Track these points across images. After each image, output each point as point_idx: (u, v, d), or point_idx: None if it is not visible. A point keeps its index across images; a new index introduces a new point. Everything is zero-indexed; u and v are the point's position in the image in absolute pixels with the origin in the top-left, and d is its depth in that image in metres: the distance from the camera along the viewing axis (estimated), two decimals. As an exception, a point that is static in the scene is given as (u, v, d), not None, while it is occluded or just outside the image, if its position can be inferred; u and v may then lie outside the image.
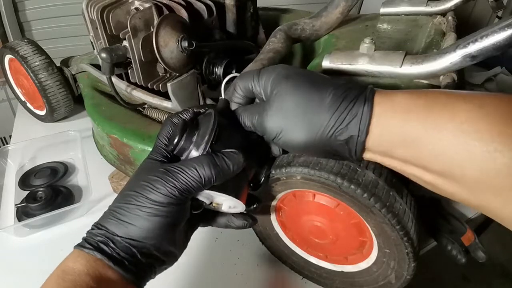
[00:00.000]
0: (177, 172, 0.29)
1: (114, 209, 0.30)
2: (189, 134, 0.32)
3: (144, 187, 0.29)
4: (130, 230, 0.29)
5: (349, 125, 0.26)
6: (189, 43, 0.51)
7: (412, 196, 0.36)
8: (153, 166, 0.31)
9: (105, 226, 0.30)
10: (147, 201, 0.29)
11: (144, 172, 0.31)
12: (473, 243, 0.49)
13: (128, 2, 0.54)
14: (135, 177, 0.31)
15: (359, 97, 0.27)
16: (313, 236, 0.42)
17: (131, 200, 0.29)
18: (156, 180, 0.29)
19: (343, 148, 0.28)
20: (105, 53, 0.51)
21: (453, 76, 0.36)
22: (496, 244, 1.25)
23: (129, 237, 0.29)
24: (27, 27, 1.17)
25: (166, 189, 0.29)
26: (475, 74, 0.99)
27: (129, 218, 0.29)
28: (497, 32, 0.28)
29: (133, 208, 0.29)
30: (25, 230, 0.57)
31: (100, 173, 0.65)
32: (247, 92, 0.34)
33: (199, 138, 0.31)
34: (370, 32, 0.54)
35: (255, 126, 0.32)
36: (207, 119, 0.32)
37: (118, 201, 0.30)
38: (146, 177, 0.30)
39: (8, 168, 0.70)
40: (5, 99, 1.26)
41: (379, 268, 0.39)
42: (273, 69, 0.31)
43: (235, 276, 0.50)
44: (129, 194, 0.30)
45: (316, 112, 0.27)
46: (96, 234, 0.29)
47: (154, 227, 0.29)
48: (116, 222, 0.29)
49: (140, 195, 0.29)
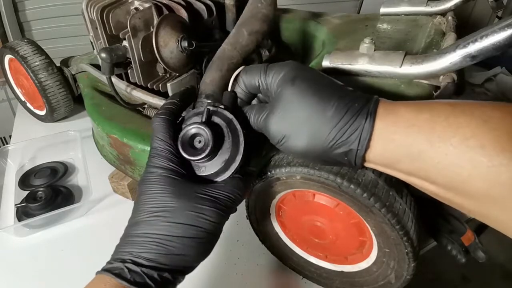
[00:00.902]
0: (225, 199, 0.31)
1: (162, 242, 0.29)
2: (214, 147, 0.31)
3: (196, 219, 0.29)
4: (183, 261, 0.29)
5: (349, 139, 0.26)
6: (189, 43, 0.51)
7: (412, 196, 0.36)
8: (186, 187, 0.31)
9: (153, 259, 0.28)
10: (201, 232, 0.29)
11: (181, 197, 0.30)
12: (473, 243, 0.49)
13: (128, 2, 0.54)
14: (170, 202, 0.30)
15: (362, 111, 0.26)
16: (313, 236, 0.42)
17: (181, 233, 0.29)
18: (206, 209, 0.30)
19: (342, 158, 0.28)
20: (105, 53, 0.51)
21: (453, 76, 0.36)
22: (496, 244, 1.24)
23: (179, 268, 0.29)
24: (27, 27, 1.17)
25: (216, 217, 0.30)
26: (475, 74, 0.99)
27: (182, 250, 0.29)
28: (497, 32, 0.28)
29: (188, 240, 0.29)
30: (25, 230, 0.57)
31: (100, 173, 0.65)
32: (252, 88, 0.33)
33: (230, 156, 0.31)
34: (370, 32, 0.54)
35: (260, 128, 0.32)
36: (233, 132, 0.31)
37: (161, 231, 0.29)
38: (192, 206, 0.29)
39: (8, 168, 0.70)
40: (5, 99, 1.26)
41: (379, 268, 0.39)
42: (281, 67, 0.31)
43: (235, 276, 0.50)
44: (177, 226, 0.29)
45: (319, 122, 0.27)
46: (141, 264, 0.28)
47: (204, 252, 0.31)
48: (168, 256, 0.29)
49: (194, 227, 0.29)
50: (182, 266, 0.30)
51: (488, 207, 0.23)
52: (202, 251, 0.30)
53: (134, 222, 0.30)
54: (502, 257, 1.22)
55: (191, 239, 0.29)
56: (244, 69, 0.34)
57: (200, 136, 0.31)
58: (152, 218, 0.29)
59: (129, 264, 0.28)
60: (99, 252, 0.34)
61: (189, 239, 0.29)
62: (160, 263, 0.28)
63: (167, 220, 0.29)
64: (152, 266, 0.28)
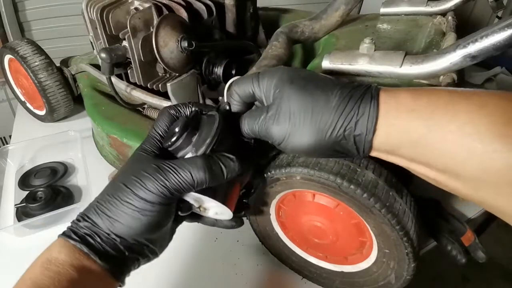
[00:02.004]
0: (170, 171, 0.29)
1: (101, 203, 0.30)
2: (189, 134, 0.31)
3: (133, 183, 0.29)
4: (116, 227, 0.29)
5: (357, 124, 0.27)
6: (189, 43, 0.51)
7: (412, 196, 0.36)
8: (145, 159, 0.31)
9: (91, 219, 0.30)
10: (135, 198, 0.29)
11: (135, 165, 0.30)
12: (473, 243, 0.49)
13: (128, 2, 0.54)
14: (126, 169, 0.31)
15: (365, 95, 0.27)
16: (313, 236, 0.42)
17: (119, 195, 0.29)
18: (146, 177, 0.29)
19: (351, 146, 0.28)
20: (104, 53, 0.51)
21: (453, 76, 0.36)
22: (496, 244, 1.24)
23: (114, 233, 0.29)
24: (27, 27, 1.17)
25: (156, 188, 0.29)
26: (475, 74, 0.99)
27: (115, 214, 0.29)
28: (497, 32, 0.28)
29: (120, 205, 0.29)
30: (25, 230, 0.57)
31: (100, 173, 0.65)
32: (246, 97, 0.33)
33: (200, 140, 0.31)
34: (370, 32, 0.54)
35: (259, 132, 0.31)
36: (210, 122, 0.32)
37: (106, 192, 0.30)
38: (137, 172, 0.29)
39: (8, 168, 0.70)
40: (5, 99, 1.26)
41: (379, 268, 0.39)
42: (274, 72, 0.31)
43: (235, 276, 0.50)
44: (119, 187, 0.29)
45: (323, 113, 0.27)
46: (82, 226, 0.30)
47: (140, 225, 0.29)
48: (102, 217, 0.29)
49: (129, 191, 0.29)
50: (119, 235, 0.29)
51: (484, 193, 0.23)
52: (138, 222, 0.29)
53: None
54: (502, 257, 1.22)
55: (126, 203, 0.29)
56: (236, 80, 0.34)
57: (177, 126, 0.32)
58: (110, 182, 0.31)
59: (73, 222, 0.30)
60: (99, 252, 0.34)
61: (123, 204, 0.29)
62: (96, 224, 0.29)
63: (115, 181, 0.30)
64: (89, 226, 0.29)
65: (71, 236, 0.29)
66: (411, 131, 0.25)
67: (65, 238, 0.29)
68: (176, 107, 0.35)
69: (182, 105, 0.35)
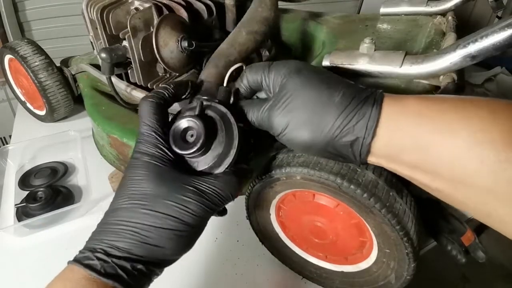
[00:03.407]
0: (213, 194, 0.29)
1: (138, 231, 0.27)
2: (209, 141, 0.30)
3: (175, 209, 0.27)
4: (160, 254, 0.27)
5: (356, 126, 0.26)
6: (189, 43, 0.51)
7: (412, 196, 0.36)
8: (170, 175, 0.29)
9: (127, 249, 0.27)
10: (183, 225, 0.28)
11: (163, 184, 0.28)
12: (473, 243, 0.49)
13: (128, 2, 0.54)
14: (151, 189, 0.28)
15: (369, 99, 0.27)
16: (313, 236, 0.42)
17: (160, 223, 0.27)
18: (190, 202, 0.28)
19: (347, 150, 0.27)
20: (104, 53, 0.51)
21: (453, 76, 0.36)
22: (496, 244, 1.24)
23: (156, 261, 0.28)
24: (27, 27, 1.17)
25: (202, 212, 0.28)
26: (475, 74, 0.99)
27: (160, 241, 0.27)
28: (497, 32, 0.28)
29: (165, 232, 0.27)
30: (25, 230, 0.57)
31: (100, 173, 0.65)
32: (254, 84, 0.33)
33: (223, 150, 0.30)
34: (370, 32, 0.54)
35: (261, 121, 0.31)
36: (227, 125, 0.30)
37: (138, 220, 0.27)
38: (173, 196, 0.28)
39: (8, 168, 0.70)
40: (5, 99, 1.26)
41: (379, 268, 0.39)
42: (285, 63, 0.31)
43: (235, 276, 0.50)
44: (155, 215, 0.27)
45: (324, 109, 0.27)
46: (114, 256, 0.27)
47: (183, 246, 0.29)
48: (144, 246, 0.27)
49: (173, 218, 0.27)
50: (159, 259, 0.28)
51: (491, 205, 0.22)
52: (182, 244, 0.28)
53: (112, 209, 0.29)
54: (502, 257, 1.22)
55: (170, 231, 0.27)
56: (249, 65, 0.34)
57: (192, 130, 0.30)
58: (130, 205, 0.28)
59: (100, 253, 0.26)
60: (99, 252, 0.34)
61: (167, 231, 0.27)
62: (134, 254, 0.27)
63: (145, 207, 0.27)
64: (125, 257, 0.26)
65: (99, 271, 0.26)
66: (418, 136, 0.24)
67: (91, 273, 0.26)
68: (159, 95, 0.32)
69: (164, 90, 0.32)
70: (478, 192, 0.23)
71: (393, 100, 0.26)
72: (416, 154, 0.25)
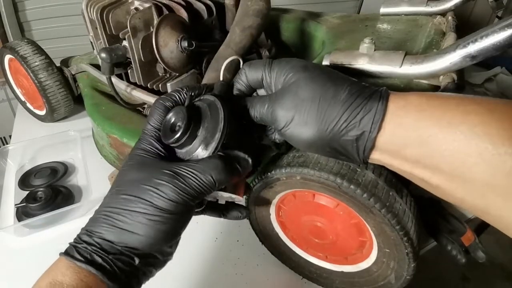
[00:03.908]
0: (189, 177, 0.27)
1: (110, 215, 0.27)
2: (194, 127, 0.29)
3: (148, 192, 0.27)
4: (133, 239, 0.27)
5: (362, 120, 0.26)
6: (189, 43, 0.51)
7: (412, 196, 0.36)
8: (152, 163, 0.29)
9: (99, 234, 0.27)
10: (154, 209, 0.27)
11: (142, 171, 0.28)
12: (473, 243, 0.49)
13: (128, 2, 0.54)
14: (131, 176, 0.28)
15: (374, 94, 0.27)
16: (313, 236, 0.43)
17: (133, 206, 0.27)
18: (163, 185, 0.27)
19: (351, 145, 0.28)
20: (104, 53, 0.51)
21: (453, 76, 0.36)
22: (496, 244, 1.25)
23: (130, 246, 0.27)
24: (27, 27, 1.17)
25: (176, 196, 0.27)
26: (475, 74, 0.99)
27: (131, 226, 0.26)
28: (497, 32, 0.28)
29: (137, 216, 0.26)
30: (25, 230, 0.57)
31: (100, 173, 0.65)
32: (253, 81, 0.33)
33: (208, 134, 0.29)
34: (370, 32, 0.54)
35: (264, 115, 0.31)
36: (213, 110, 0.30)
37: (113, 204, 0.28)
38: (149, 180, 0.27)
39: (8, 168, 0.70)
40: (5, 99, 1.26)
41: (379, 268, 0.39)
42: (288, 61, 0.31)
43: (235, 276, 0.50)
44: (129, 199, 0.27)
45: (330, 105, 0.27)
46: (89, 242, 0.27)
47: (160, 235, 0.27)
48: (115, 230, 0.27)
49: (145, 202, 0.27)
50: (135, 247, 0.27)
51: (490, 198, 0.23)
52: (158, 232, 0.27)
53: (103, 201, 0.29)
54: (502, 257, 1.22)
55: (141, 214, 0.26)
56: (248, 62, 0.33)
57: (179, 121, 0.30)
58: (111, 192, 0.28)
59: (75, 241, 0.27)
60: (99, 252, 0.34)
61: (139, 214, 0.26)
62: (106, 239, 0.27)
63: (121, 192, 0.28)
64: (97, 242, 0.26)
65: (75, 256, 0.26)
66: (420, 130, 0.25)
67: (68, 259, 0.26)
68: (170, 98, 0.32)
69: (176, 92, 0.33)
70: (476, 186, 0.23)
71: (397, 97, 0.27)
72: (418, 148, 0.25)
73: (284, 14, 0.72)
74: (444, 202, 0.55)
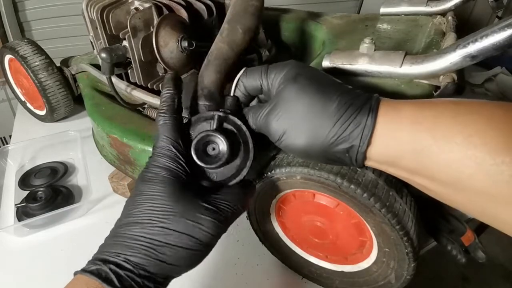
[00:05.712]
0: (227, 211, 0.30)
1: (153, 247, 0.27)
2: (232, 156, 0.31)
3: (192, 228, 0.28)
4: (172, 271, 0.28)
5: (351, 134, 0.26)
6: (189, 43, 0.51)
7: (412, 196, 0.36)
8: (186, 190, 0.29)
9: (143, 266, 0.27)
10: (196, 244, 0.28)
11: (180, 202, 0.28)
12: (473, 243, 0.49)
13: (128, 2, 0.54)
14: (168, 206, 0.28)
15: (364, 107, 0.27)
16: (313, 236, 0.43)
17: (176, 241, 0.27)
18: (206, 219, 0.28)
19: (343, 155, 0.28)
20: (105, 53, 0.51)
21: (453, 76, 0.36)
22: (496, 244, 1.25)
23: (168, 276, 0.28)
24: (27, 27, 1.17)
25: (216, 230, 0.28)
26: (475, 74, 0.99)
27: (173, 259, 0.27)
28: (497, 32, 0.28)
29: (180, 250, 0.27)
30: (25, 230, 0.57)
31: (100, 173, 0.65)
32: (252, 90, 0.33)
33: (242, 161, 0.32)
34: (370, 32, 0.54)
35: (260, 127, 0.31)
36: (243, 137, 0.32)
37: (154, 236, 0.27)
38: (191, 215, 0.28)
39: (8, 168, 0.70)
40: (5, 99, 1.26)
41: (379, 268, 0.39)
42: (283, 66, 0.31)
43: (235, 276, 0.50)
44: (171, 233, 0.27)
45: (320, 118, 0.27)
46: (133, 271, 0.26)
47: (195, 264, 0.29)
48: (158, 263, 0.27)
49: (188, 237, 0.27)
50: (169, 276, 0.29)
51: (490, 206, 0.23)
52: (193, 262, 0.29)
53: (126, 223, 0.28)
54: (502, 257, 1.22)
55: (185, 249, 0.28)
56: (244, 71, 0.33)
57: (213, 144, 0.31)
58: (147, 220, 0.28)
59: (115, 266, 0.26)
60: (99, 252, 0.34)
61: (183, 250, 0.27)
62: (149, 271, 0.27)
63: (163, 225, 0.28)
64: (140, 273, 0.27)
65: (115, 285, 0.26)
66: (415, 142, 0.24)
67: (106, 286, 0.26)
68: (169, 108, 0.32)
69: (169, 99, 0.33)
70: (476, 195, 0.23)
71: (389, 107, 0.26)
72: (413, 160, 0.25)
73: (284, 14, 0.72)
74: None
